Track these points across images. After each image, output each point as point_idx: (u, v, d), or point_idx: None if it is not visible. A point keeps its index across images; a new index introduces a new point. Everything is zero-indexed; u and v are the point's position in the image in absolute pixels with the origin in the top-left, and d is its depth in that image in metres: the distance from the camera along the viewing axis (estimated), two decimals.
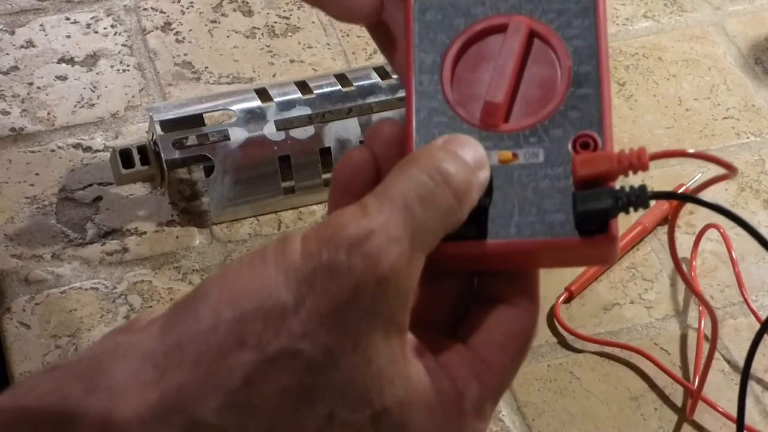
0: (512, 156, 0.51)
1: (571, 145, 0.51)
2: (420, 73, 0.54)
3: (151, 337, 0.45)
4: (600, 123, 0.52)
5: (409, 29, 0.54)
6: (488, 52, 0.54)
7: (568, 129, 0.52)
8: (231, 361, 0.43)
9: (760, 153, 0.92)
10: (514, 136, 0.52)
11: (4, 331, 0.79)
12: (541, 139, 0.52)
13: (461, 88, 0.53)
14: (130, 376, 0.44)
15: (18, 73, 0.94)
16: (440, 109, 0.53)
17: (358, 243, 0.44)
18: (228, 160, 0.84)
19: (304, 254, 0.44)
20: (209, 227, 0.85)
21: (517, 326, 0.49)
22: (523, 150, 0.51)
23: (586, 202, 0.49)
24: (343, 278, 0.43)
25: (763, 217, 0.87)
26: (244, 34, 0.98)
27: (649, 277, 0.83)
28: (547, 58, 0.53)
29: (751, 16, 1.02)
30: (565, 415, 0.76)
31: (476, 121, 0.52)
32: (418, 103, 0.53)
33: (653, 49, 0.99)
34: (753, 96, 0.96)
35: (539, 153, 0.52)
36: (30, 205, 0.86)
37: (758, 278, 0.84)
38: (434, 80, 0.53)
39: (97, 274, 0.82)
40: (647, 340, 0.80)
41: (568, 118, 0.52)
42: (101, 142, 0.90)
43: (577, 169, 0.50)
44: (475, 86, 0.53)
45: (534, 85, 0.53)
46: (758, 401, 0.77)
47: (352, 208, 0.45)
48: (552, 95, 0.53)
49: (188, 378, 0.43)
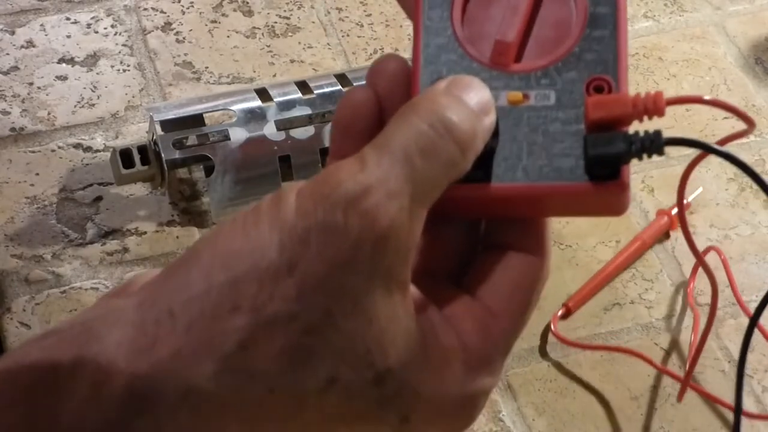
0: (522, 97, 0.50)
1: (585, 88, 0.50)
2: (429, 8, 0.51)
3: (142, 302, 0.43)
4: (615, 66, 0.50)
5: None
6: None
7: (582, 71, 0.50)
8: (225, 326, 0.42)
9: (760, 153, 0.92)
10: (524, 77, 0.50)
11: (4, 331, 0.79)
12: (553, 81, 0.50)
13: (472, 25, 0.51)
14: (121, 342, 0.42)
15: (18, 73, 0.94)
16: (449, 45, 0.51)
17: (356, 200, 0.42)
18: (228, 160, 0.84)
19: (298, 212, 0.42)
20: (209, 227, 0.85)
21: (526, 274, 0.47)
22: (534, 91, 0.50)
23: (598, 145, 0.48)
24: (339, 238, 0.42)
25: (764, 217, 0.87)
26: (245, 34, 0.98)
27: (649, 277, 0.83)
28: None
29: (751, 16, 1.02)
30: (565, 415, 0.76)
31: (486, 60, 0.50)
32: (426, 39, 0.51)
33: (653, 49, 0.99)
34: (753, 96, 0.96)
35: (551, 95, 0.50)
36: (30, 205, 0.86)
37: (758, 278, 0.84)
38: (444, 16, 0.51)
39: (97, 274, 0.82)
40: (647, 340, 0.80)
41: (583, 60, 0.50)
42: (101, 142, 0.90)
43: (589, 111, 0.49)
44: (487, 24, 0.51)
45: (548, 24, 0.51)
46: (758, 401, 0.77)
47: (349, 161, 0.43)
48: (566, 36, 0.51)
49: (181, 344, 0.42)
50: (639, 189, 0.88)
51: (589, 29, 0.51)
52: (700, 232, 0.86)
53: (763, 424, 0.76)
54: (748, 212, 0.88)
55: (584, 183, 0.48)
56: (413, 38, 0.51)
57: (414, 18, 0.52)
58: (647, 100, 0.49)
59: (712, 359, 0.79)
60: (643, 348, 0.79)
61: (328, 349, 0.42)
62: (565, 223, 0.85)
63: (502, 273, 0.47)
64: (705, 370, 0.78)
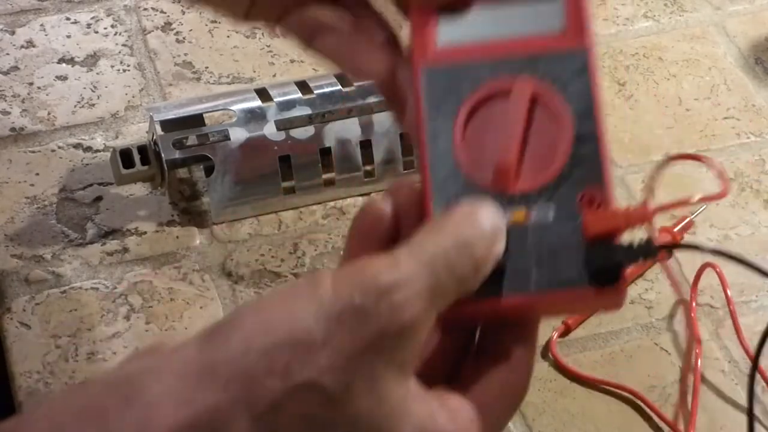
0: (525, 215, 0.54)
1: (579, 201, 0.55)
2: (432, 138, 0.56)
3: (186, 359, 0.47)
4: (603, 179, 0.55)
5: (418, 95, 0.57)
6: (495, 114, 0.56)
7: (574, 186, 0.55)
8: (260, 386, 0.46)
9: (760, 153, 0.92)
10: (524, 196, 0.54)
11: (4, 331, 0.79)
12: (550, 198, 0.55)
13: (472, 151, 0.56)
14: (165, 392, 0.46)
15: (18, 73, 0.94)
16: (454, 173, 0.55)
17: (388, 291, 0.47)
18: (228, 160, 0.84)
19: (335, 293, 0.47)
20: (209, 227, 0.85)
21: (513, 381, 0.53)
22: (535, 209, 0.54)
23: (602, 258, 0.53)
24: (370, 322, 0.47)
25: (764, 217, 0.87)
26: (245, 34, 0.98)
27: (649, 277, 0.83)
28: (550, 118, 0.56)
29: (752, 16, 1.02)
30: (565, 415, 0.76)
31: (489, 183, 0.55)
32: (432, 168, 0.56)
33: (653, 49, 0.99)
34: (753, 96, 0.96)
35: (550, 211, 0.55)
36: (30, 205, 0.86)
37: (758, 278, 0.83)
38: (446, 146, 0.56)
39: (97, 274, 0.82)
40: (647, 340, 0.80)
41: (574, 176, 0.55)
42: (101, 142, 0.90)
43: (589, 227, 0.54)
44: (485, 149, 0.56)
45: (539, 144, 0.56)
46: (758, 401, 0.77)
47: (383, 258, 0.48)
48: (557, 154, 0.55)
49: (220, 398, 0.46)
50: (639, 189, 0.88)
51: (576, 146, 0.55)
52: (700, 232, 0.86)
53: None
54: (748, 212, 0.88)
55: (590, 289, 0.53)
56: (420, 165, 0.56)
57: (419, 147, 0.57)
58: (637, 213, 0.54)
59: (712, 359, 0.79)
60: (643, 348, 0.79)
61: (343, 420, 0.47)
62: None
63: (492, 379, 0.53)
64: (705, 370, 0.78)
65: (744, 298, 0.82)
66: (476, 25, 0.59)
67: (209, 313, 0.80)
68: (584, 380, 0.77)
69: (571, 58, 0.57)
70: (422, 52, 0.58)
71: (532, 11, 0.58)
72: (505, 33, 0.58)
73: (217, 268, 0.83)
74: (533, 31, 0.58)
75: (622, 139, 0.92)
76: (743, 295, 0.83)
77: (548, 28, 0.58)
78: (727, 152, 0.92)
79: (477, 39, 0.58)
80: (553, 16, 0.58)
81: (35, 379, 0.76)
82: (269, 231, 0.85)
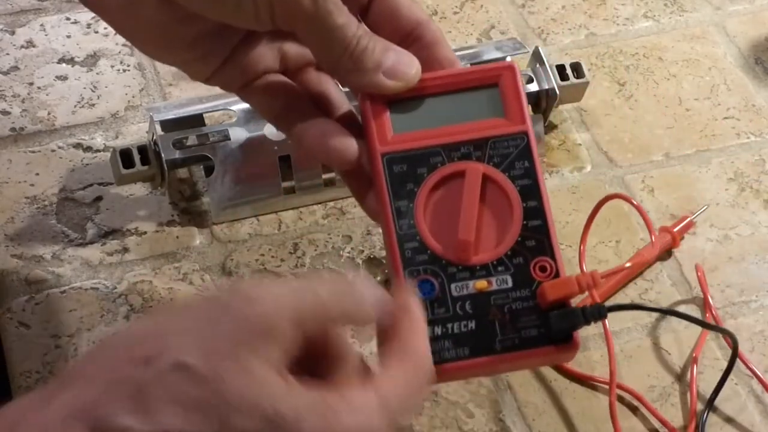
0: (486, 284, 0.63)
1: (532, 269, 0.64)
2: (398, 218, 0.64)
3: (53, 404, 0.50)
4: (551, 248, 0.64)
5: (381, 180, 0.65)
6: (452, 195, 0.65)
7: (527, 256, 0.64)
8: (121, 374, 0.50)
9: (760, 153, 0.92)
10: (485, 267, 0.63)
11: (4, 331, 0.79)
12: (507, 267, 0.64)
13: (434, 228, 0.64)
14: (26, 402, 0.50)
15: (18, 73, 0.94)
16: (420, 248, 0.64)
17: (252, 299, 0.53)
18: (228, 160, 0.84)
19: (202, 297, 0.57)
20: (209, 227, 0.85)
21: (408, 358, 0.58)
22: (495, 277, 0.63)
23: (560, 322, 0.62)
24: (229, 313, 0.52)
25: (764, 217, 0.87)
26: None
27: (649, 277, 0.83)
28: (501, 196, 0.65)
29: (752, 16, 1.02)
30: (565, 415, 0.76)
31: (452, 256, 0.63)
32: (401, 246, 0.64)
33: (653, 49, 0.99)
34: (753, 96, 0.96)
35: (508, 279, 0.64)
36: (30, 205, 0.86)
37: (758, 278, 0.84)
38: (411, 224, 0.64)
39: (97, 274, 0.82)
40: (647, 340, 0.80)
41: (526, 247, 0.64)
42: (101, 142, 0.90)
43: (546, 295, 0.63)
44: (446, 226, 0.64)
45: (494, 220, 0.65)
46: (759, 401, 0.77)
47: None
48: (509, 228, 0.64)
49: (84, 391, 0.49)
50: (639, 189, 0.88)
51: (526, 220, 0.64)
52: (700, 232, 0.86)
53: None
54: (748, 212, 0.88)
55: (548, 349, 0.62)
56: (389, 244, 0.64)
57: (385, 226, 0.65)
58: (587, 278, 0.63)
59: (712, 359, 0.79)
60: (643, 348, 0.79)
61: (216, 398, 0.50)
62: (565, 224, 0.85)
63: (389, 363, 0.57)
64: (705, 370, 0.78)
65: (744, 298, 0.82)
66: (425, 113, 0.66)
67: None
68: (584, 380, 0.77)
69: (513, 140, 0.66)
70: (381, 139, 0.65)
71: (475, 100, 0.67)
72: (452, 120, 0.66)
73: (217, 268, 0.83)
74: (478, 118, 0.66)
75: (622, 139, 0.92)
76: (743, 295, 0.83)
77: (491, 114, 0.66)
78: (727, 152, 0.92)
79: (428, 126, 0.66)
80: (493, 103, 0.67)
81: (35, 379, 0.76)
82: (269, 231, 0.85)
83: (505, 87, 0.67)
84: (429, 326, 0.62)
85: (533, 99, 0.90)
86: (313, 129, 0.66)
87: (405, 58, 0.65)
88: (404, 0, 0.67)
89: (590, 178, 0.89)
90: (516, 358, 0.63)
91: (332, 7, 0.62)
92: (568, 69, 0.90)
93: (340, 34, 0.63)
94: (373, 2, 0.66)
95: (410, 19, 0.66)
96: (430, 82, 0.66)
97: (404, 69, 0.65)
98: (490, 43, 0.92)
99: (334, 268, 0.82)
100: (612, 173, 0.90)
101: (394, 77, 0.64)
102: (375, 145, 0.66)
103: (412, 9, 0.67)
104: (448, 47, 0.68)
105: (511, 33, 0.99)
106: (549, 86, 0.89)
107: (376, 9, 0.66)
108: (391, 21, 0.66)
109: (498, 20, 1.00)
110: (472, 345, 0.63)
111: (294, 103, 0.68)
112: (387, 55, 0.64)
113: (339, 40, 0.63)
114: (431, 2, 1.01)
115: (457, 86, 0.67)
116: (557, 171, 0.90)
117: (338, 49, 0.63)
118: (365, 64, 0.64)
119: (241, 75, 0.68)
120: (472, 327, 0.63)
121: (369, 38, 0.64)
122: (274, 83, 0.69)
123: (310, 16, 0.62)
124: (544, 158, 0.90)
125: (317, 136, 0.66)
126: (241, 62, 0.68)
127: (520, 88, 0.67)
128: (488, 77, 0.67)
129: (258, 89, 0.69)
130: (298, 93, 0.69)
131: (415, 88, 0.66)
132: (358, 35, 0.63)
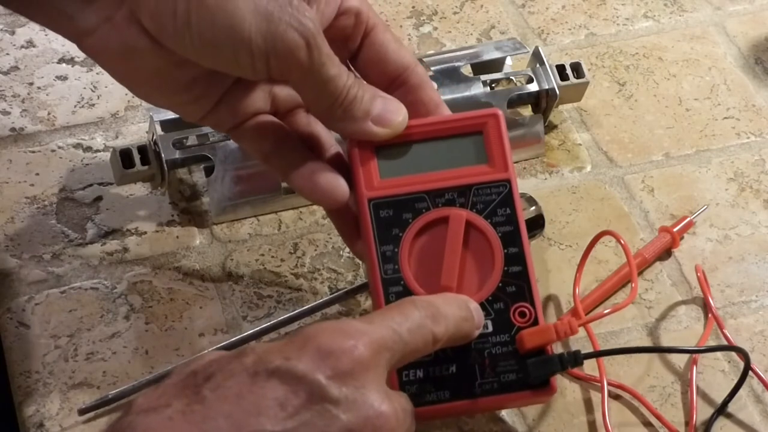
0: None
1: (512, 314, 0.66)
2: (383, 263, 0.67)
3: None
4: (531, 294, 0.67)
5: (367, 225, 0.67)
6: (436, 240, 0.67)
7: (507, 302, 0.67)
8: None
9: (760, 153, 0.92)
10: None
11: (4, 331, 0.79)
12: (488, 312, 0.66)
13: (418, 273, 0.67)
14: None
15: (18, 73, 0.94)
16: (404, 293, 0.66)
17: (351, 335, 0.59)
18: (228, 160, 0.84)
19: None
20: (209, 227, 0.85)
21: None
22: None
23: (538, 369, 0.66)
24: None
25: (764, 217, 0.87)
26: None
27: (649, 277, 0.83)
28: (483, 242, 0.67)
29: (752, 16, 1.02)
30: (565, 415, 0.76)
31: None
32: (385, 290, 0.66)
33: (653, 49, 0.99)
34: (753, 96, 0.96)
35: (488, 324, 0.66)
36: (30, 205, 0.86)
37: (758, 278, 0.84)
38: (395, 269, 0.67)
39: (97, 274, 0.82)
40: (647, 340, 0.80)
41: (507, 293, 0.67)
42: (101, 142, 0.90)
43: (525, 343, 0.65)
44: (430, 271, 0.66)
45: (476, 265, 0.67)
46: (759, 401, 0.77)
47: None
48: (491, 273, 0.67)
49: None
50: (639, 189, 0.88)
51: (507, 266, 0.67)
52: (700, 232, 0.86)
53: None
54: (748, 212, 0.88)
55: (526, 392, 0.66)
56: (372, 283, 0.67)
57: (370, 270, 0.67)
58: (565, 326, 0.66)
59: (712, 359, 0.79)
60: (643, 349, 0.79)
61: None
62: (565, 223, 0.85)
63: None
64: (705, 370, 0.78)
65: (744, 298, 0.82)
66: (412, 159, 0.68)
67: (209, 313, 0.80)
68: (584, 380, 0.77)
69: (496, 188, 0.68)
70: (368, 184, 0.68)
71: (460, 146, 0.68)
72: (437, 166, 0.68)
73: (217, 268, 0.83)
74: (462, 164, 0.68)
75: (622, 139, 0.92)
76: (743, 295, 0.83)
77: (475, 161, 0.68)
78: (727, 152, 0.92)
79: (414, 172, 0.68)
80: (477, 151, 0.68)
81: (35, 379, 0.76)
82: (269, 231, 0.85)
83: (489, 134, 0.69)
84: (411, 370, 0.66)
85: (533, 99, 0.90)
86: (303, 168, 0.68)
87: (392, 105, 0.68)
88: (392, 45, 0.69)
89: (590, 178, 0.89)
90: (494, 402, 0.66)
91: (326, 59, 0.64)
92: (568, 69, 0.90)
93: (332, 85, 0.65)
94: (363, 48, 0.69)
95: (398, 63, 0.69)
96: (417, 128, 0.68)
97: (391, 117, 0.67)
98: (490, 43, 0.92)
99: (334, 267, 0.82)
100: (612, 173, 0.90)
101: (382, 124, 0.67)
102: (362, 190, 0.68)
103: (399, 53, 0.69)
104: (433, 89, 0.70)
105: (511, 33, 0.99)
106: (549, 86, 0.89)
107: (365, 55, 0.69)
108: (379, 65, 0.69)
109: (498, 20, 1.00)
110: (453, 388, 0.65)
111: (284, 144, 0.70)
112: (375, 102, 0.67)
113: (331, 91, 0.65)
114: (431, 2, 1.01)
115: (443, 133, 0.69)
116: (557, 171, 0.90)
117: (330, 99, 0.66)
118: (355, 113, 0.66)
119: (233, 116, 0.70)
120: (453, 370, 0.65)
121: (359, 87, 0.66)
122: (264, 124, 0.71)
123: (305, 68, 0.64)
124: (544, 158, 0.90)
125: (306, 174, 0.68)
126: (233, 104, 0.70)
127: (503, 136, 0.69)
128: (473, 125, 0.69)
129: (249, 130, 0.71)
130: (287, 134, 0.71)
131: (402, 135, 0.68)
132: (349, 85, 0.66)
